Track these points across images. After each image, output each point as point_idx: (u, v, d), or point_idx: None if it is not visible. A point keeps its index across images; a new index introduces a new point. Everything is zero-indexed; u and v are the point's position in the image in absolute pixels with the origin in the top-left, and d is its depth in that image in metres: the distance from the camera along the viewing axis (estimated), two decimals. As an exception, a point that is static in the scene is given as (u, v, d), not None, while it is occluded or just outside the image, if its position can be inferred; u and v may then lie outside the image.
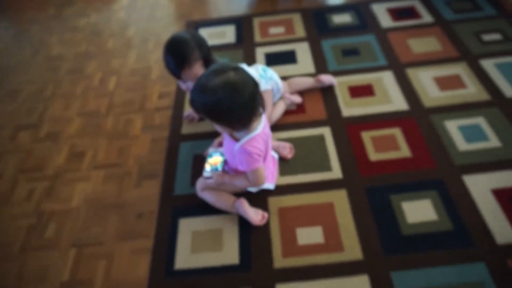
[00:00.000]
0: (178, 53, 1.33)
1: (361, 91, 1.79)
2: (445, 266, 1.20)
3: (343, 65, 1.94)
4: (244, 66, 1.56)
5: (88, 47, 2.31)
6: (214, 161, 1.34)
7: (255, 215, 1.36)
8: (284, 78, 1.84)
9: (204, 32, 2.28)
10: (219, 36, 2.23)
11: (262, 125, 1.22)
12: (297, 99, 1.75)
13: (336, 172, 1.49)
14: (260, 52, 2.08)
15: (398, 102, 1.72)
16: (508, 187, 1.37)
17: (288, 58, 2.02)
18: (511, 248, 1.22)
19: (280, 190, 1.45)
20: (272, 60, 2.02)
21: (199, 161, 1.59)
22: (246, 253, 1.30)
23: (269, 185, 1.42)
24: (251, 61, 2.03)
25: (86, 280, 1.29)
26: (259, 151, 1.20)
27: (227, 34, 2.23)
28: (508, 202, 1.33)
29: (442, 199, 1.36)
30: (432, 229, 1.29)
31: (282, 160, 1.54)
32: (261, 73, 1.62)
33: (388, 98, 1.74)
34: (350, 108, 1.72)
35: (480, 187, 1.38)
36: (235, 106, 1.08)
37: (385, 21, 2.19)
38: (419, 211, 1.34)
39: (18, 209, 1.52)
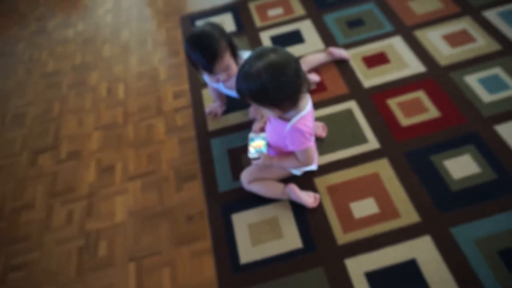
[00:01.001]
0: (207, 48, 1.30)
1: (376, 60, 1.80)
2: (501, 213, 1.26)
3: (351, 37, 1.94)
4: None
5: (84, 58, 2.23)
6: (257, 144, 1.34)
7: (308, 198, 1.37)
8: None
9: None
10: (218, 26, 2.19)
11: (309, 104, 1.22)
12: (315, 78, 1.75)
13: (372, 142, 1.52)
14: (265, 37, 2.06)
15: (414, 65, 1.74)
16: (539, 130, 1.44)
17: (295, 38, 2.01)
18: (556, 186, 1.29)
19: (323, 169, 1.47)
20: (279, 42, 2.00)
21: (235, 155, 1.59)
22: (308, 236, 1.32)
23: (313, 166, 1.44)
24: (258, 46, 2.01)
25: (155, 290, 1.28)
26: (310, 129, 1.21)
27: (226, 23, 2.19)
28: (542, 143, 1.40)
29: (480, 152, 1.41)
30: (479, 181, 1.34)
31: (317, 139, 1.55)
32: None
33: (403, 63, 1.77)
34: (369, 79, 1.74)
35: (513, 134, 1.44)
36: (281, 86, 1.08)
37: (380, -13, 2.20)
38: (462, 167, 1.39)
39: (62, 234, 1.48)
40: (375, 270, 1.22)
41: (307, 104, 1.21)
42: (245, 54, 1.46)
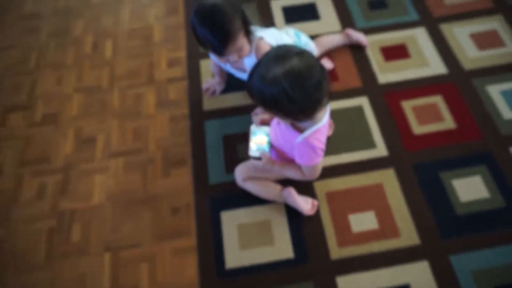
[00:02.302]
0: (218, 27, 1.11)
1: (395, 53, 1.64)
2: (501, 245, 1.20)
3: (371, 20, 1.75)
4: (273, 31, 1.36)
5: (68, 2, 1.95)
6: (259, 140, 1.20)
7: (305, 204, 1.27)
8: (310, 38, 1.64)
9: None
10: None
11: (327, 115, 1.08)
12: (329, 64, 1.58)
13: (380, 148, 1.40)
14: (277, 7, 1.83)
15: (435, 65, 1.59)
16: (557, 158, 1.35)
17: (309, 13, 1.80)
18: None
19: (325, 172, 1.35)
20: (292, 16, 1.79)
21: (231, 143, 1.45)
22: (300, 246, 1.24)
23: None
24: (267, 17, 1.79)
25: (131, 287, 1.19)
26: (322, 145, 1.08)
27: None
28: (558, 174, 1.32)
29: (492, 174, 1.33)
30: (485, 208, 1.27)
31: (322, 138, 1.42)
32: (295, 40, 1.42)
33: (424, 60, 1.61)
34: (385, 73, 1.58)
35: (529, 159, 1.35)
36: (299, 98, 0.93)
37: (409, -36, 1.96)
38: (471, 189, 1.30)
39: (31, 211, 1.35)
40: (367, 292, 1.16)
41: (324, 115, 1.06)
42: (259, 32, 1.27)
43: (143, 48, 1.74)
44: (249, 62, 1.29)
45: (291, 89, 0.92)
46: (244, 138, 1.44)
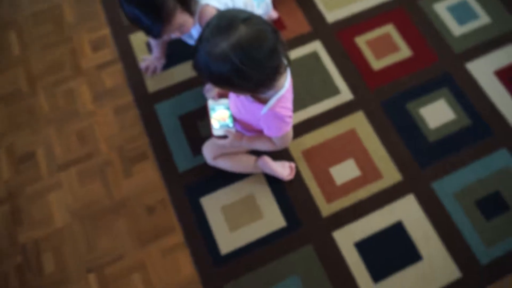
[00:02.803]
0: (149, 6, 0.93)
1: (336, -15, 1.54)
2: (474, 161, 1.25)
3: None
4: None
5: None
6: (220, 115, 1.09)
7: (283, 170, 1.22)
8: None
9: None
10: None
11: (289, 79, 0.98)
12: (273, 14, 1.45)
13: (345, 93, 1.36)
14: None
15: (380, -9, 1.52)
16: (508, 65, 1.39)
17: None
18: (524, 127, 1.30)
19: (296, 130, 1.28)
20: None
21: (189, 122, 1.32)
22: (290, 212, 1.21)
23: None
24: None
25: (128, 301, 1.12)
26: (290, 111, 1.00)
27: None
28: (509, 82, 1.37)
29: (454, 95, 1.35)
30: (454, 129, 1.30)
31: (284, 95, 1.34)
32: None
33: (368, -12, 1.53)
34: (332, 11, 1.49)
35: (484, 71, 1.38)
36: (252, 72, 0.82)
37: None
38: (437, 114, 1.32)
39: (-13, 252, 1.18)
40: (363, 239, 1.17)
41: (286, 80, 0.96)
42: None
43: (56, 33, 1.48)
44: (195, 29, 1.13)
45: (241, 64, 0.79)
46: (203, 113, 1.32)
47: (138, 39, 1.45)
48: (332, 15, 1.48)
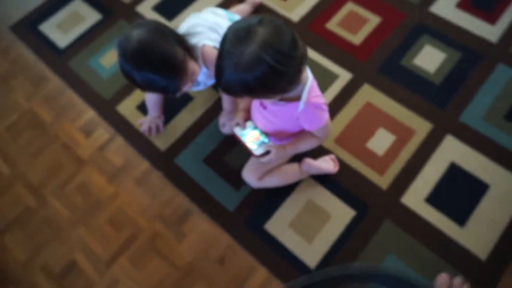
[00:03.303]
0: (164, 67, 0.92)
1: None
2: (483, 84, 1.33)
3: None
4: (193, 18, 1.18)
5: None
6: (253, 137, 1.07)
7: (327, 165, 1.21)
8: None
9: (52, 26, 1.61)
10: (77, 20, 1.61)
11: (308, 69, 0.99)
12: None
13: (343, 75, 1.39)
14: (146, 10, 1.60)
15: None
16: (461, -5, 1.52)
17: (182, -2, 1.63)
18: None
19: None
20: (169, 9, 1.59)
21: (216, 161, 1.28)
22: (353, 200, 1.19)
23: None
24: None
25: None
26: (323, 98, 1.00)
27: (83, 13, 1.63)
28: (472, 7, 1.49)
29: (434, 37, 1.44)
30: (451, 65, 1.38)
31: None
32: (232, 17, 1.25)
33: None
34: (293, 11, 1.55)
35: (447, 8, 1.49)
36: (285, 64, 0.82)
37: None
38: (430, 59, 1.40)
39: None
40: (430, 192, 1.18)
41: (307, 70, 0.97)
42: (194, 37, 1.08)
43: (40, 137, 1.38)
44: (201, 74, 1.12)
45: (274, 61, 0.79)
46: (225, 147, 1.29)
47: (126, 107, 1.40)
48: (295, 14, 1.54)
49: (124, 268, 1.15)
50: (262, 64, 0.79)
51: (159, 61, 0.91)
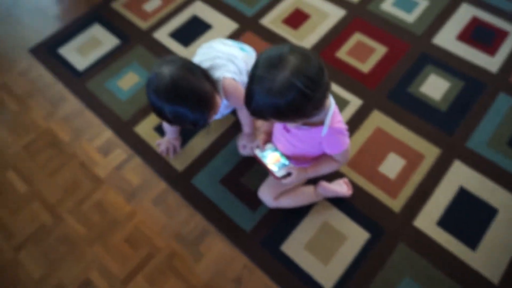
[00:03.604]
0: (194, 102, 0.98)
1: (297, 19, 1.69)
2: (487, 111, 1.40)
3: (255, 4, 1.75)
4: (206, 49, 1.24)
5: None
6: (274, 159, 1.11)
7: (341, 188, 1.25)
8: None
9: (71, 49, 1.66)
10: (95, 44, 1.67)
11: (330, 95, 1.04)
12: None
13: (354, 101, 1.45)
14: (163, 37, 1.67)
15: (333, 11, 1.70)
16: (463, 29, 1.61)
17: (198, 26, 1.70)
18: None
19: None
20: (185, 36, 1.67)
21: (232, 182, 1.31)
22: (367, 222, 1.22)
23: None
24: (163, 52, 1.63)
25: None
26: (344, 124, 1.05)
27: (101, 38, 1.69)
28: (471, 40, 1.58)
29: (438, 67, 1.51)
30: (455, 93, 1.45)
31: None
32: (241, 46, 1.31)
33: (323, 12, 1.70)
34: (305, 38, 1.63)
35: (448, 40, 1.59)
36: (315, 90, 0.88)
37: None
38: (435, 87, 1.47)
39: None
40: (441, 215, 1.22)
41: (330, 96, 1.03)
42: (215, 71, 1.13)
43: (57, 156, 1.40)
44: (223, 106, 1.18)
45: (305, 87, 0.85)
46: (240, 169, 1.32)
47: (143, 128, 1.44)
48: (306, 43, 1.62)
49: (140, 286, 1.16)
50: (293, 89, 0.84)
51: (190, 96, 0.97)
